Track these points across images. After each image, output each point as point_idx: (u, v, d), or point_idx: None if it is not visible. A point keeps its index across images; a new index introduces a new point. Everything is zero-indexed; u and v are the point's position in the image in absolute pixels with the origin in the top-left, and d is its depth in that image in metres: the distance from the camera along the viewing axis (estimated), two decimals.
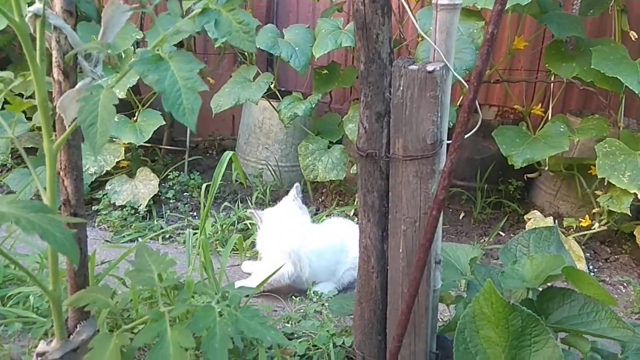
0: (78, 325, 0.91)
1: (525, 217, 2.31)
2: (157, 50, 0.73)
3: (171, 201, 2.59)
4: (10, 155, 2.61)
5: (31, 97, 0.93)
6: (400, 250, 0.99)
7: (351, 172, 2.29)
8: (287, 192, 2.74)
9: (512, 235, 2.39)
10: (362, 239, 1.05)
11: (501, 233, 2.43)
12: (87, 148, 0.69)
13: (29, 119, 2.18)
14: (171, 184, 2.68)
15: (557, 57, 2.21)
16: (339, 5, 2.65)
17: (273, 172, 2.76)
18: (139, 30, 2.38)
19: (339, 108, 3.01)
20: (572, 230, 2.30)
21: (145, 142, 2.40)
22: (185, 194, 2.69)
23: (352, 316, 1.53)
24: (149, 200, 2.42)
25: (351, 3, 0.96)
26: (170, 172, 2.74)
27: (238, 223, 2.31)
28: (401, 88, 0.93)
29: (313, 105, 2.39)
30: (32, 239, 0.62)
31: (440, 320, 1.55)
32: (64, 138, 0.79)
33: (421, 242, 0.90)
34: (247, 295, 1.21)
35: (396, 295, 1.04)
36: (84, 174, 2.46)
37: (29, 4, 0.78)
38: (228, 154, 1.59)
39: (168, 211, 2.49)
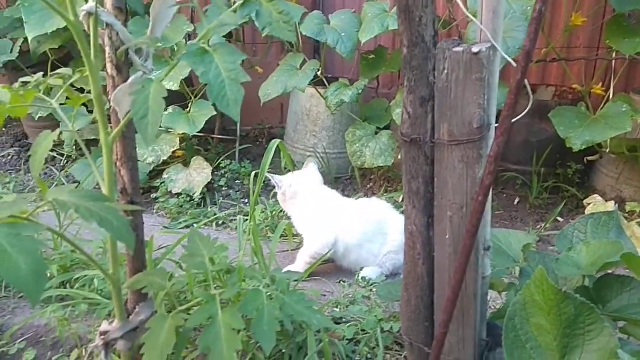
0: (137, 307, 0.97)
1: (584, 201, 2.21)
2: (204, 42, 0.75)
3: (223, 188, 2.67)
4: (74, 147, 2.77)
5: (89, 91, 0.99)
6: (447, 237, 0.98)
7: (399, 157, 2.27)
8: (335, 179, 2.77)
9: (570, 220, 2.29)
10: (408, 225, 1.05)
11: (559, 219, 2.33)
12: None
13: (90, 111, 2.31)
14: (223, 172, 2.76)
15: (618, 33, 2.07)
16: None
17: (321, 159, 2.78)
18: (189, 22, 2.45)
19: (386, 93, 2.97)
20: (635, 215, 2.17)
21: (198, 132, 2.49)
22: (236, 181, 2.77)
23: (399, 302, 1.53)
24: (203, 188, 2.51)
25: None
26: (222, 160, 2.82)
27: None
28: (445, 71, 0.91)
29: (360, 91, 2.38)
30: (95, 225, 0.67)
31: (493, 307, 1.52)
32: (119, 130, 0.84)
33: (467, 227, 0.89)
34: (295, 280, 1.24)
35: (443, 281, 1.03)
36: (142, 164, 2.58)
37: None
38: (275, 142, 1.62)
39: (220, 198, 2.57)
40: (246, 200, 2.60)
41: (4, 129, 3.53)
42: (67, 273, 1.51)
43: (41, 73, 0.96)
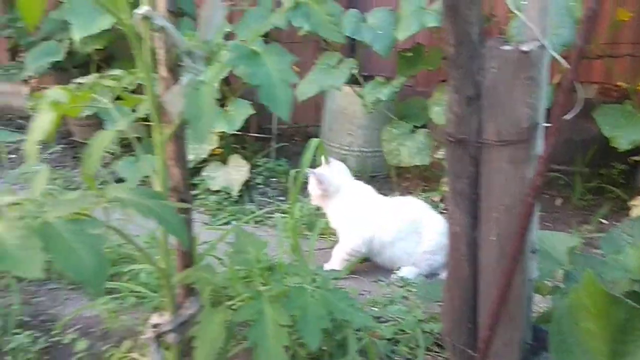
0: (186, 301, 1.00)
1: (629, 203, 2.13)
2: (251, 44, 0.77)
3: (260, 186, 2.71)
4: (119, 145, 2.85)
5: (134, 91, 1.03)
6: (493, 238, 0.97)
7: (436, 156, 2.24)
8: (371, 178, 2.77)
9: (615, 223, 2.22)
10: (452, 225, 1.04)
11: (603, 221, 2.26)
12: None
13: (133, 111, 2.38)
14: (260, 170, 2.80)
15: None
16: None
17: (357, 158, 2.78)
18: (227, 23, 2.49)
19: (424, 91, 2.94)
20: None
21: (236, 130, 2.52)
22: (273, 179, 2.80)
23: (439, 303, 1.52)
24: (241, 186, 2.55)
25: None
26: (258, 158, 2.86)
27: None
28: (493, 70, 0.90)
29: (397, 90, 2.37)
30: (140, 221, 0.69)
31: (536, 311, 1.49)
32: (172, 130, 0.87)
33: (516, 230, 0.87)
34: (334, 278, 1.25)
35: (488, 283, 1.01)
36: None
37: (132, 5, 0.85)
38: (314, 142, 1.63)
39: (258, 196, 2.60)
40: (283, 198, 2.63)
41: None
42: (115, 267, 1.56)
43: (95, 75, 1.00)
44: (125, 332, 1.38)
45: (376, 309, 1.49)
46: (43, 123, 0.86)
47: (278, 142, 3.06)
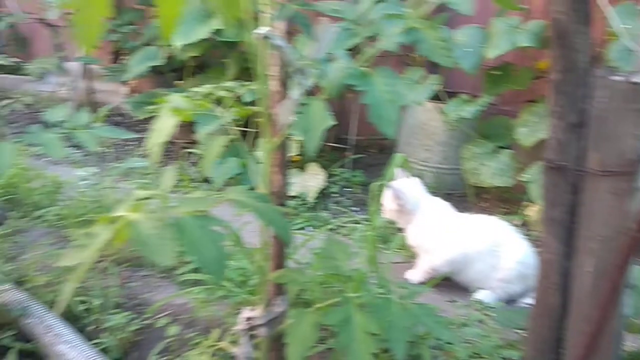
0: (276, 299, 1.06)
1: None
2: (363, 65, 0.82)
3: (335, 195, 2.77)
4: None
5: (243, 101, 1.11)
6: (589, 270, 0.95)
7: (520, 179, 2.19)
8: (446, 196, 2.74)
9: None
10: (544, 253, 1.03)
11: None
12: None
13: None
14: (336, 180, 2.86)
15: None
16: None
17: (433, 174, 2.77)
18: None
19: (508, 110, 2.87)
20: None
21: None
22: (348, 189, 2.85)
23: (519, 330, 1.49)
24: (317, 193, 2.62)
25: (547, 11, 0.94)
26: (335, 168, 2.92)
27: None
28: (601, 100, 0.89)
29: (482, 108, 2.34)
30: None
31: (625, 350, 1.42)
32: (279, 139, 0.94)
33: (614, 262, 0.86)
34: (416, 292, 1.26)
35: (579, 315, 0.99)
36: None
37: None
38: (398, 156, 1.65)
39: (332, 204, 2.66)
40: (356, 209, 2.67)
41: (143, 125, 3.97)
42: None
43: (211, 85, 1.09)
44: (211, 322, 1.47)
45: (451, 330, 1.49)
46: (165, 126, 0.96)
47: (354, 153, 3.11)
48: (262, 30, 0.91)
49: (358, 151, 3.29)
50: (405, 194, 1.85)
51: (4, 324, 1.57)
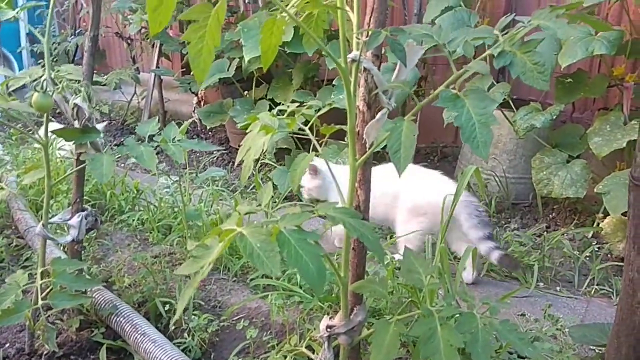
0: (355, 308, 1.11)
1: None
2: (453, 87, 0.85)
3: None
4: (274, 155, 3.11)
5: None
6: None
7: (595, 190, 2.12)
8: (513, 206, 2.68)
9: None
10: (629, 271, 1.02)
11: None
12: None
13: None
14: None
15: None
16: (591, 7, 2.45)
17: (499, 183, 2.72)
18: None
19: (580, 118, 2.78)
20: None
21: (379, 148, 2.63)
22: None
23: (593, 346, 1.46)
24: None
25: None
26: None
27: None
28: None
29: (554, 117, 2.29)
30: None
31: None
32: (365, 157, 0.99)
33: None
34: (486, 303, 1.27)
35: None
36: None
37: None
38: (471, 169, 1.66)
39: None
40: None
41: (210, 133, 4.15)
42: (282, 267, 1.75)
43: (296, 104, 1.16)
44: (285, 326, 1.54)
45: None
46: (259, 144, 1.03)
47: (416, 161, 3.11)
48: (352, 54, 0.96)
49: (419, 159, 3.29)
50: (321, 169, 2.07)
51: (95, 322, 1.71)
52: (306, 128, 1.10)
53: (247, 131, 1.09)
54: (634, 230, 1.00)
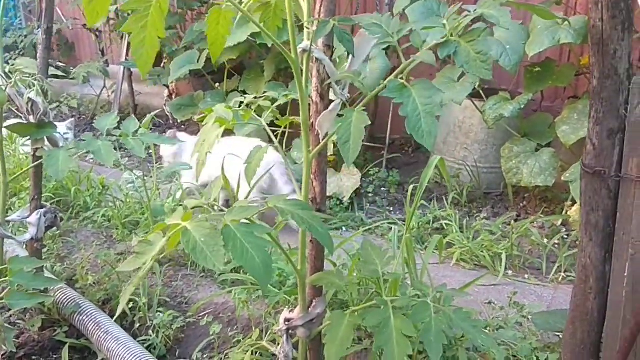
0: (314, 301, 1.10)
1: None
2: (401, 77, 0.84)
3: (370, 195, 2.78)
4: None
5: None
6: (626, 274, 0.95)
7: (562, 178, 2.15)
8: (484, 195, 2.71)
9: None
10: (582, 257, 1.03)
11: None
12: None
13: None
14: (371, 179, 2.88)
15: None
16: None
17: (471, 173, 2.74)
18: None
19: (550, 107, 2.81)
20: None
21: None
22: (383, 189, 2.86)
23: (556, 333, 1.48)
24: (352, 193, 2.64)
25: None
26: (370, 168, 2.94)
27: (433, 222, 2.37)
28: (639, 105, 0.88)
29: (522, 106, 2.31)
30: None
31: None
32: (319, 149, 0.97)
33: None
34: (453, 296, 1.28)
35: (616, 320, 0.99)
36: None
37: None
38: (435, 159, 1.66)
39: (367, 204, 2.68)
40: (392, 209, 2.68)
41: (183, 126, 4.09)
42: None
43: (253, 96, 1.14)
44: (251, 321, 1.53)
45: (487, 332, 1.49)
46: (211, 136, 1.01)
47: (389, 152, 3.11)
48: (303, 44, 0.94)
49: (393, 150, 3.29)
50: (179, 137, 2.34)
51: (58, 321, 1.68)
52: (262, 119, 1.09)
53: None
54: (585, 217, 1.01)
